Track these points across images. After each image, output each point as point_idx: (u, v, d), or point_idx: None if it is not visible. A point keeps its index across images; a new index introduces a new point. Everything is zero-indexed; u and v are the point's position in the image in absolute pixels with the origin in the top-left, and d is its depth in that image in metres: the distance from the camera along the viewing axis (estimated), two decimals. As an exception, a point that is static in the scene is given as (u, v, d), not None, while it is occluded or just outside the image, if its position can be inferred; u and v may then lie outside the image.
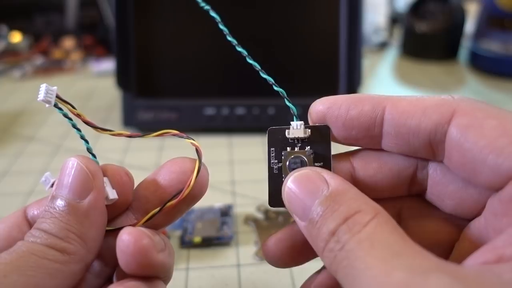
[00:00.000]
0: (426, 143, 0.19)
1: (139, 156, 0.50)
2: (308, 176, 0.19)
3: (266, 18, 0.55)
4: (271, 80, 0.22)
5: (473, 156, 0.17)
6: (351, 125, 0.20)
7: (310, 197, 0.18)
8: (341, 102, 0.20)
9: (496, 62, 0.73)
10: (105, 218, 0.20)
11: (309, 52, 0.55)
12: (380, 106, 0.19)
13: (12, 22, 0.84)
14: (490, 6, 0.73)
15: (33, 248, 0.18)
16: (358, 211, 0.17)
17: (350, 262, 0.16)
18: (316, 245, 0.18)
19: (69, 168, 0.20)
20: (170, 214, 0.22)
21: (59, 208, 0.19)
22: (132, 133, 0.23)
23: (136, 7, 0.54)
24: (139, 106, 0.54)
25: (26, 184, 0.45)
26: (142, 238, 0.19)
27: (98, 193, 0.20)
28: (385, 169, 0.21)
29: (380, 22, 0.88)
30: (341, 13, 0.53)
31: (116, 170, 0.21)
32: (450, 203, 0.20)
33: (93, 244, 0.19)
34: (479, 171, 0.17)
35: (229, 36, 0.22)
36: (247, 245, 0.36)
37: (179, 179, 0.22)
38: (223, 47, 0.56)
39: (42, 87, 0.20)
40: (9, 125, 0.59)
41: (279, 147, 0.21)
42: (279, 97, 0.22)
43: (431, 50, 0.81)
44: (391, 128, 0.19)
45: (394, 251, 0.15)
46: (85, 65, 0.80)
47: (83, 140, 0.22)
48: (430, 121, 0.18)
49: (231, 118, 0.54)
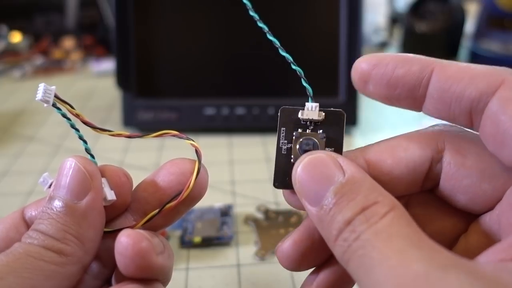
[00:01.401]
0: (467, 111, 0.18)
1: (138, 156, 0.50)
2: (322, 160, 0.18)
3: (266, 18, 0.55)
4: (290, 58, 0.21)
5: (505, 129, 0.16)
6: (396, 84, 0.19)
7: (325, 183, 0.18)
8: (388, 60, 0.20)
9: (496, 62, 0.72)
10: (103, 219, 0.20)
11: (309, 52, 0.55)
12: (429, 68, 0.19)
13: (12, 22, 0.84)
14: (490, 6, 0.73)
15: (30, 249, 0.18)
16: (375, 202, 0.16)
17: (366, 252, 0.15)
18: (328, 233, 0.17)
19: (66, 168, 0.20)
20: (169, 215, 0.22)
21: (56, 209, 0.19)
22: (132, 134, 0.23)
23: (136, 7, 0.54)
24: (139, 106, 0.54)
25: (26, 184, 0.45)
26: (141, 240, 0.19)
27: (96, 193, 0.19)
28: (401, 165, 0.20)
29: (380, 22, 0.88)
30: (341, 13, 0.53)
31: (114, 171, 0.21)
32: (463, 197, 0.19)
33: (90, 245, 0.19)
34: (507, 145, 0.17)
35: (251, 10, 0.22)
36: (247, 245, 0.36)
37: (178, 180, 0.21)
38: (224, 47, 0.56)
39: (41, 86, 0.20)
40: (9, 125, 0.59)
41: (290, 127, 0.21)
42: (279, 97, 0.22)
43: (431, 50, 0.80)
44: (435, 92, 0.19)
45: (413, 243, 0.15)
46: (85, 65, 0.80)
47: (82, 141, 0.22)
48: (475, 89, 0.18)
49: (231, 118, 0.54)
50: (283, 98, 0.52)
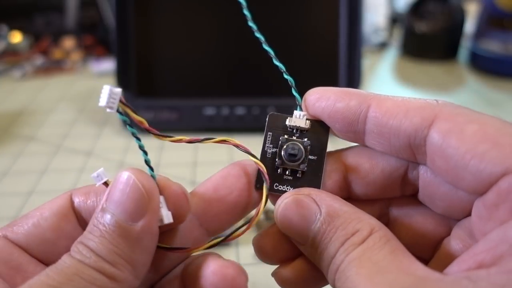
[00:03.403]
0: (406, 145, 0.19)
1: (139, 156, 0.50)
2: (299, 201, 0.19)
3: (266, 18, 0.55)
4: (283, 68, 0.22)
5: (455, 162, 0.17)
6: (335, 118, 0.20)
7: (305, 223, 0.18)
8: (330, 94, 0.20)
9: (496, 62, 0.73)
10: (156, 242, 0.18)
11: (309, 52, 0.55)
12: (366, 103, 0.19)
13: (12, 22, 0.84)
14: (490, 6, 0.73)
15: (81, 270, 0.16)
16: (354, 232, 0.17)
17: (342, 283, 0.16)
18: (320, 267, 0.18)
19: (123, 183, 0.18)
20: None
21: (109, 227, 0.17)
22: (192, 138, 0.21)
23: (136, 7, 0.54)
24: (139, 106, 0.54)
25: (26, 184, 0.45)
26: (240, 273, 0.18)
27: (153, 216, 0.18)
28: (377, 170, 0.21)
29: (380, 22, 0.88)
30: (341, 13, 0.53)
31: (174, 190, 0.19)
32: (441, 204, 0.20)
33: (141, 270, 0.18)
34: (462, 177, 0.17)
35: (250, 21, 0.22)
36: (247, 245, 0.36)
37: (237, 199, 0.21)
38: (223, 47, 0.56)
39: (105, 89, 0.17)
40: (9, 125, 0.59)
41: (277, 133, 0.21)
42: (279, 97, 0.23)
43: (431, 50, 0.81)
44: (374, 127, 0.19)
45: (379, 268, 0.16)
46: (85, 65, 0.80)
47: (142, 151, 0.19)
48: (410, 123, 0.18)
49: (231, 118, 0.54)
50: (283, 98, 0.52)
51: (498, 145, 0.16)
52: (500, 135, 0.16)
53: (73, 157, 0.50)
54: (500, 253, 0.15)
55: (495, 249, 0.15)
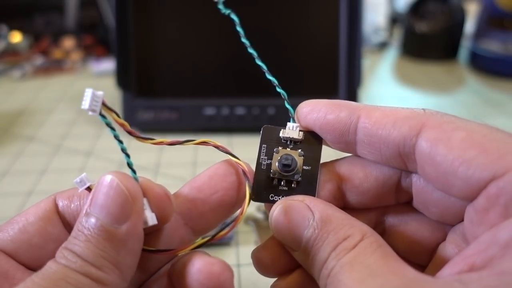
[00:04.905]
0: (396, 154, 0.19)
1: (138, 157, 0.50)
2: (292, 206, 0.19)
3: (266, 18, 0.55)
4: (275, 81, 0.22)
5: (445, 169, 0.17)
6: (327, 129, 0.21)
7: (299, 228, 0.19)
8: (321, 106, 0.21)
9: (496, 62, 0.73)
10: (142, 243, 0.19)
11: (309, 52, 0.55)
12: (355, 114, 0.20)
13: (12, 22, 0.84)
14: (490, 6, 0.73)
15: (67, 274, 0.16)
16: (346, 237, 0.17)
17: (334, 287, 0.16)
18: (312, 273, 0.18)
19: (107, 187, 0.18)
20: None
21: (93, 231, 0.17)
22: (173, 141, 0.21)
23: (136, 7, 0.54)
24: (139, 106, 0.54)
25: (26, 184, 0.45)
26: (226, 270, 0.19)
27: (137, 218, 0.18)
28: (371, 178, 0.21)
29: (380, 22, 0.88)
30: (341, 13, 0.53)
31: (157, 192, 0.20)
32: (435, 210, 0.20)
33: (128, 272, 0.18)
34: (452, 184, 0.17)
35: (244, 38, 0.23)
36: (247, 245, 0.36)
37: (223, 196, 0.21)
38: (223, 47, 0.56)
39: (88, 92, 0.17)
40: (9, 125, 0.59)
41: (271, 145, 0.22)
42: (279, 97, 0.23)
43: (431, 50, 0.81)
44: (364, 137, 0.20)
45: (371, 271, 0.16)
46: (85, 65, 0.80)
47: (124, 154, 0.20)
48: (399, 133, 0.18)
49: (231, 118, 0.54)
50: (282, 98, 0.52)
51: (485, 151, 0.16)
52: (486, 141, 0.17)
53: (73, 157, 0.50)
54: (491, 255, 0.15)
55: (485, 251, 0.15)
